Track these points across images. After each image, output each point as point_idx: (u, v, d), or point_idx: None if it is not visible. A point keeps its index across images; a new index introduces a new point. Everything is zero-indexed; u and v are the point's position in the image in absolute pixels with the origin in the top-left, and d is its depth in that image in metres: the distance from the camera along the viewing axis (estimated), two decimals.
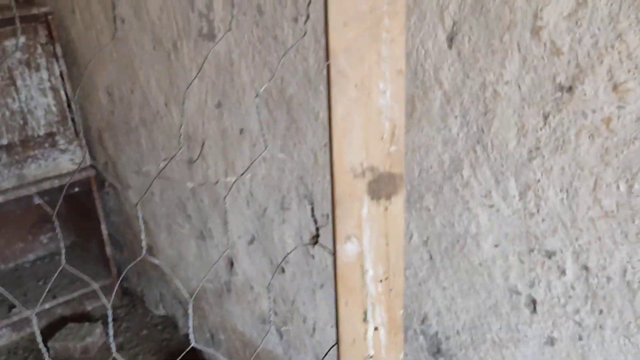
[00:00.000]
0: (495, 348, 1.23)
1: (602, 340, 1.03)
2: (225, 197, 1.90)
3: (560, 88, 0.94)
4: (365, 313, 0.54)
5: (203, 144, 1.90)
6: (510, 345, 1.20)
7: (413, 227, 1.30)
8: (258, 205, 1.78)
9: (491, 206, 1.12)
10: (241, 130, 1.72)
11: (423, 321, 1.37)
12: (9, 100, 2.40)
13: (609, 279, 0.98)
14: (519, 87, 0.99)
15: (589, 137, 0.93)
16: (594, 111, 0.91)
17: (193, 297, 0.86)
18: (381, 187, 0.52)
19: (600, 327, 1.02)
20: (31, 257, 3.22)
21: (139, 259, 0.71)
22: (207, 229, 2.09)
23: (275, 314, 1.91)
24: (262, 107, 1.59)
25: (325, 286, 1.63)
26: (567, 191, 0.99)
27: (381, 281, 0.54)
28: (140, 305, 2.91)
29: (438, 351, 1.37)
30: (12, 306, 2.77)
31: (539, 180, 1.02)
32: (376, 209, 0.52)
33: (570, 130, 0.95)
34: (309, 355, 1.82)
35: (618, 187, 0.92)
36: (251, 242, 1.88)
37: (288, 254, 1.70)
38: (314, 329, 1.75)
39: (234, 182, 1.82)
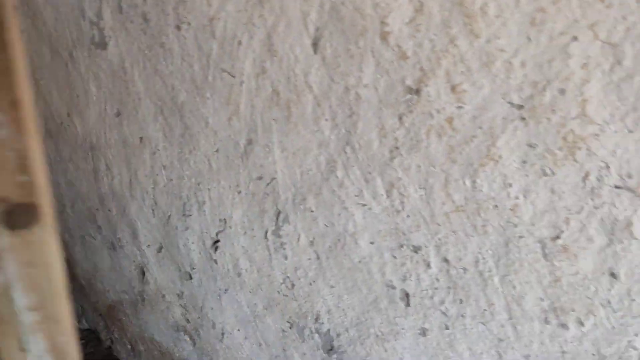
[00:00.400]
0: (379, 342, 1.27)
1: (464, 328, 1.08)
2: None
3: (410, 90, 0.98)
4: (20, 342, 0.55)
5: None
6: (390, 339, 1.24)
7: (300, 229, 1.33)
8: (162, 212, 1.77)
9: (364, 205, 1.16)
10: (141, 139, 1.71)
11: (316, 320, 1.41)
12: None
13: (465, 269, 1.04)
14: (376, 89, 1.04)
15: (437, 136, 0.98)
16: (438, 111, 0.96)
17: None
18: (17, 217, 0.53)
19: (462, 315, 1.08)
20: None
21: None
22: (117, 238, 2.07)
23: (187, 321, 1.90)
24: (158, 115, 1.59)
25: (230, 290, 1.64)
26: (424, 188, 1.04)
27: (35, 310, 0.56)
28: None
29: (331, 348, 1.40)
30: None
31: (400, 179, 1.07)
32: (15, 239, 0.54)
33: (421, 130, 1.00)
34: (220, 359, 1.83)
35: (464, 183, 0.97)
36: (159, 250, 1.87)
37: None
38: (222, 334, 1.76)
39: None
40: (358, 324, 1.30)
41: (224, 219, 1.54)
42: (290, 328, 1.49)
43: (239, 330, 1.69)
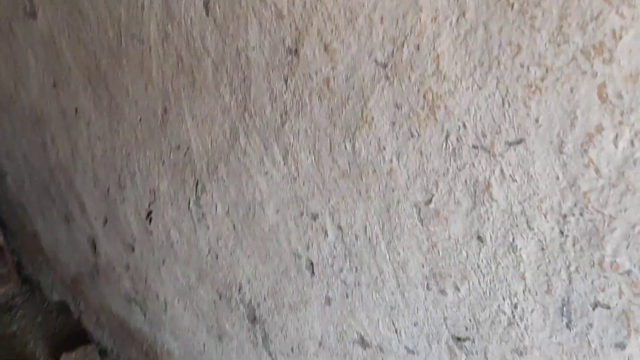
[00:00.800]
0: (292, 311, 1.25)
1: (361, 296, 1.06)
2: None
3: (290, 51, 0.94)
4: None
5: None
6: (301, 308, 1.22)
7: (216, 198, 1.31)
8: (102, 185, 1.76)
9: (266, 173, 1.13)
10: (76, 110, 1.69)
11: (239, 290, 1.39)
12: None
13: (357, 236, 1.01)
14: (263, 52, 1.00)
15: (318, 99, 0.94)
16: (316, 73, 0.92)
17: None
18: None
19: (358, 284, 1.05)
20: None
21: None
22: (69, 211, 2.07)
23: (136, 292, 1.91)
24: (87, 85, 1.57)
25: (167, 262, 1.64)
26: (313, 153, 1.00)
27: None
28: (38, 292, 2.88)
29: (255, 318, 1.39)
30: None
31: (292, 144, 1.04)
32: None
33: (304, 93, 0.96)
34: (167, 330, 1.83)
35: (345, 147, 0.93)
36: (105, 223, 1.87)
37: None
38: (165, 305, 1.76)
39: None
40: (274, 294, 1.29)
41: (153, 190, 1.52)
42: (219, 299, 1.48)
43: (178, 301, 1.69)
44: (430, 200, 0.85)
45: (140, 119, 1.43)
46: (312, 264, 1.14)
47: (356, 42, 0.83)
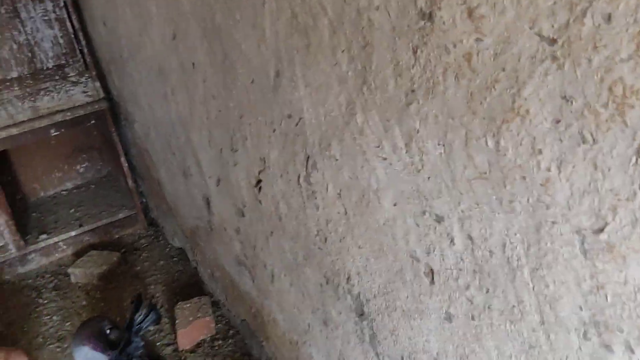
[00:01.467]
0: (405, 317, 1.08)
1: (491, 322, 0.86)
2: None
3: (423, 15, 0.73)
4: None
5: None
6: (416, 316, 1.05)
7: (328, 178, 1.16)
8: (216, 144, 1.69)
9: (384, 159, 0.95)
10: (193, 65, 1.60)
11: (348, 280, 1.25)
12: (15, 33, 2.43)
13: (491, 253, 0.80)
14: (388, 13, 0.79)
15: (455, 78, 0.72)
16: (455, 45, 0.70)
17: None
18: None
19: (489, 307, 0.85)
20: (69, 185, 3.39)
21: None
22: (187, 166, 2.05)
23: (245, 257, 1.85)
24: (203, 39, 1.46)
25: (275, 234, 1.54)
26: (444, 145, 0.80)
27: None
28: (162, 237, 3.00)
29: (362, 314, 1.24)
30: (42, 232, 2.95)
31: (418, 130, 0.84)
32: None
33: (437, 68, 0.75)
34: (274, 301, 1.76)
35: (487, 143, 0.72)
36: (218, 183, 1.81)
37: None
38: (272, 276, 1.68)
39: None
40: (385, 294, 1.12)
41: (264, 158, 1.41)
42: (326, 283, 1.36)
43: (285, 275, 1.59)
44: (601, 230, 0.61)
45: (252, 81, 1.30)
46: (432, 271, 0.96)
47: (513, 7, 0.60)
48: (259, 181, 1.48)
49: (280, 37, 1.10)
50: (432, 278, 0.96)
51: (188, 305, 2.33)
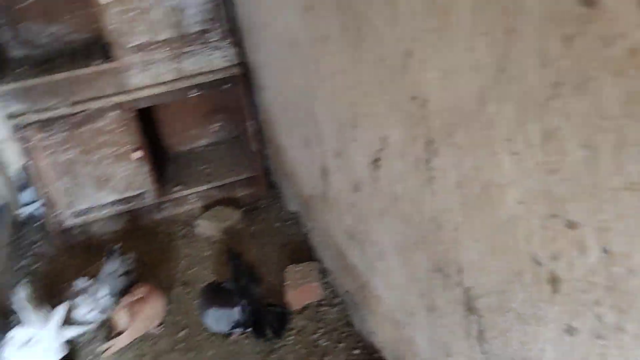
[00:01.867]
0: (520, 321, 1.02)
1: (622, 346, 0.78)
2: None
3: (583, 1, 0.65)
4: None
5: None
6: (532, 323, 0.98)
7: (449, 165, 1.10)
8: (337, 118, 1.69)
9: (515, 153, 0.88)
10: (324, 38, 1.60)
11: (459, 272, 1.20)
12: None
13: (632, 272, 0.72)
14: None
15: (613, 75, 0.64)
16: (618, 37, 0.62)
17: None
18: None
19: (621, 329, 0.77)
20: (202, 143, 3.60)
21: None
22: (308, 136, 2.08)
23: (356, 231, 1.85)
24: (335, 11, 1.45)
25: (388, 213, 1.51)
26: (588, 148, 0.72)
27: None
28: (279, 200, 3.09)
29: (471, 308, 1.19)
30: (177, 184, 3.18)
31: (559, 128, 0.76)
32: None
33: (592, 62, 0.67)
34: (380, 278, 1.76)
35: None
36: (336, 156, 1.81)
37: None
38: (381, 254, 1.67)
39: None
40: (499, 293, 1.06)
41: (384, 138, 1.38)
42: (436, 271, 1.32)
43: (394, 255, 1.57)
44: None
45: (381, 58, 1.27)
46: (556, 278, 0.88)
47: None
48: (377, 159, 1.46)
49: (416, 16, 1.05)
50: (556, 286, 0.89)
51: (299, 269, 2.40)
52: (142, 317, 2.27)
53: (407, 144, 1.25)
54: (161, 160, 3.39)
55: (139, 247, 2.76)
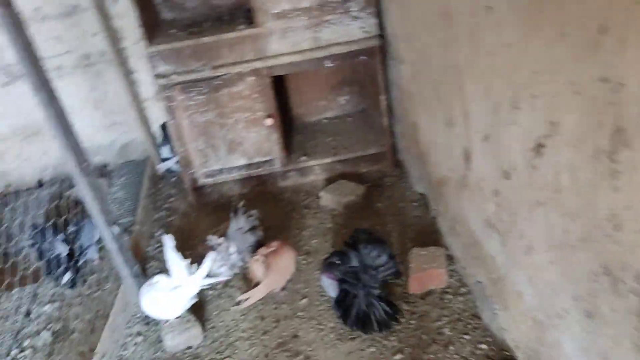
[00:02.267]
0: None
1: None
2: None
3: None
4: None
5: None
6: None
7: None
8: (493, 99, 1.57)
9: None
10: (488, 8, 1.48)
11: (636, 278, 1.07)
12: None
13: None
14: None
15: None
16: None
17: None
18: None
19: None
20: (329, 114, 3.61)
21: None
22: (451, 115, 1.97)
23: (499, 221, 1.74)
24: None
25: (546, 206, 1.39)
26: None
27: None
28: (405, 179, 3.02)
29: None
30: (303, 154, 3.21)
31: None
32: None
33: None
34: (523, 273, 1.64)
35: None
36: (485, 139, 1.70)
37: None
38: (529, 248, 1.55)
39: None
40: None
41: (554, 122, 1.25)
42: (603, 274, 1.19)
43: (546, 251, 1.45)
44: None
45: (562, 34, 1.14)
46: None
47: None
48: (540, 145, 1.33)
49: None
50: None
51: (424, 252, 2.32)
52: (277, 269, 2.33)
53: (586, 132, 1.12)
54: (289, 129, 3.45)
55: (265, 211, 2.83)
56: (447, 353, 1.96)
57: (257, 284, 2.35)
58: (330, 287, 2.26)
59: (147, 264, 2.70)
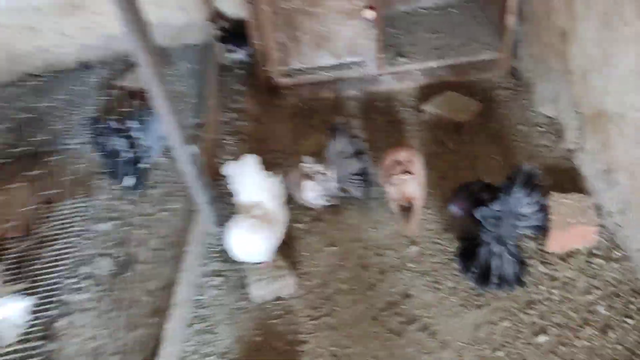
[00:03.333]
0: None
1: None
2: None
3: None
4: None
5: None
6: None
7: None
8: None
9: None
10: None
11: None
12: None
13: None
14: None
15: None
16: None
17: None
18: None
19: None
20: (427, 3, 2.97)
21: None
22: None
23: None
24: None
25: None
26: None
27: None
28: (526, 96, 2.47)
29: None
30: (399, 54, 2.66)
31: None
32: None
33: None
34: None
35: None
36: None
37: None
38: None
39: None
40: None
41: None
42: None
43: None
44: None
45: None
46: None
47: None
48: None
49: None
50: None
51: (567, 201, 1.87)
52: (422, 183, 1.94)
53: None
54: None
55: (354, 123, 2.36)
56: (606, 341, 1.58)
57: (403, 207, 1.97)
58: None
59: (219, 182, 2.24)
